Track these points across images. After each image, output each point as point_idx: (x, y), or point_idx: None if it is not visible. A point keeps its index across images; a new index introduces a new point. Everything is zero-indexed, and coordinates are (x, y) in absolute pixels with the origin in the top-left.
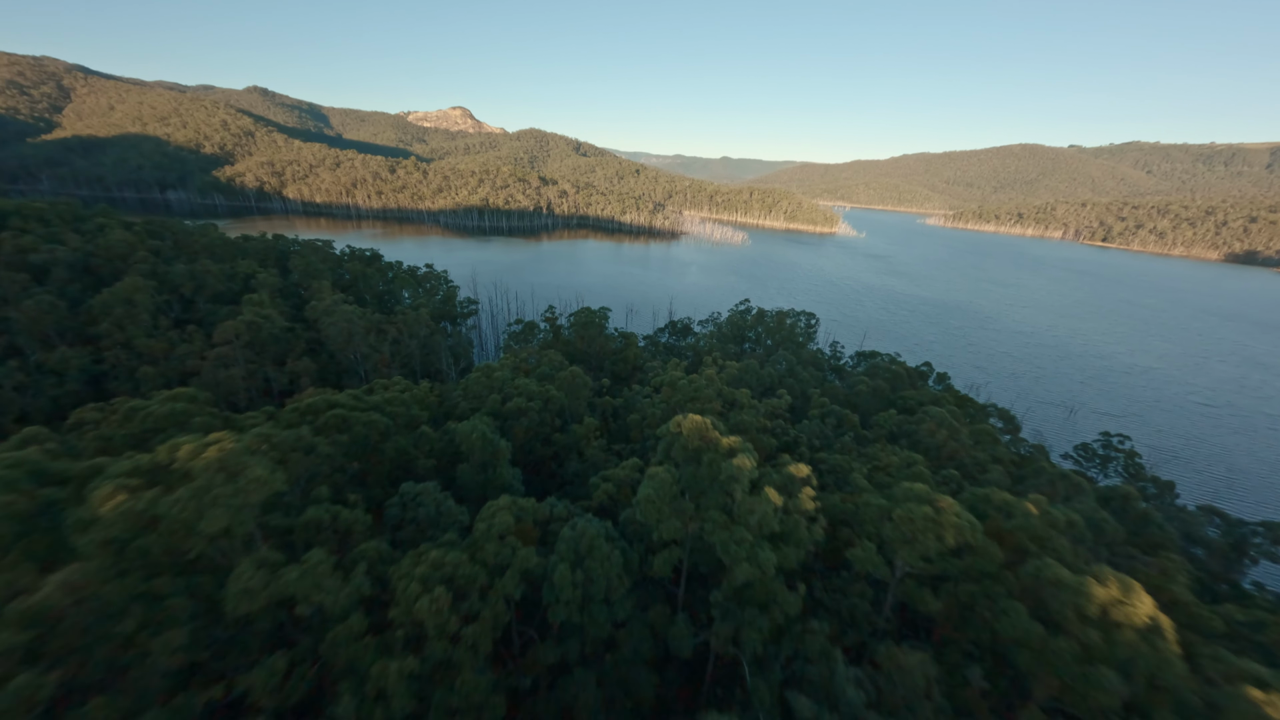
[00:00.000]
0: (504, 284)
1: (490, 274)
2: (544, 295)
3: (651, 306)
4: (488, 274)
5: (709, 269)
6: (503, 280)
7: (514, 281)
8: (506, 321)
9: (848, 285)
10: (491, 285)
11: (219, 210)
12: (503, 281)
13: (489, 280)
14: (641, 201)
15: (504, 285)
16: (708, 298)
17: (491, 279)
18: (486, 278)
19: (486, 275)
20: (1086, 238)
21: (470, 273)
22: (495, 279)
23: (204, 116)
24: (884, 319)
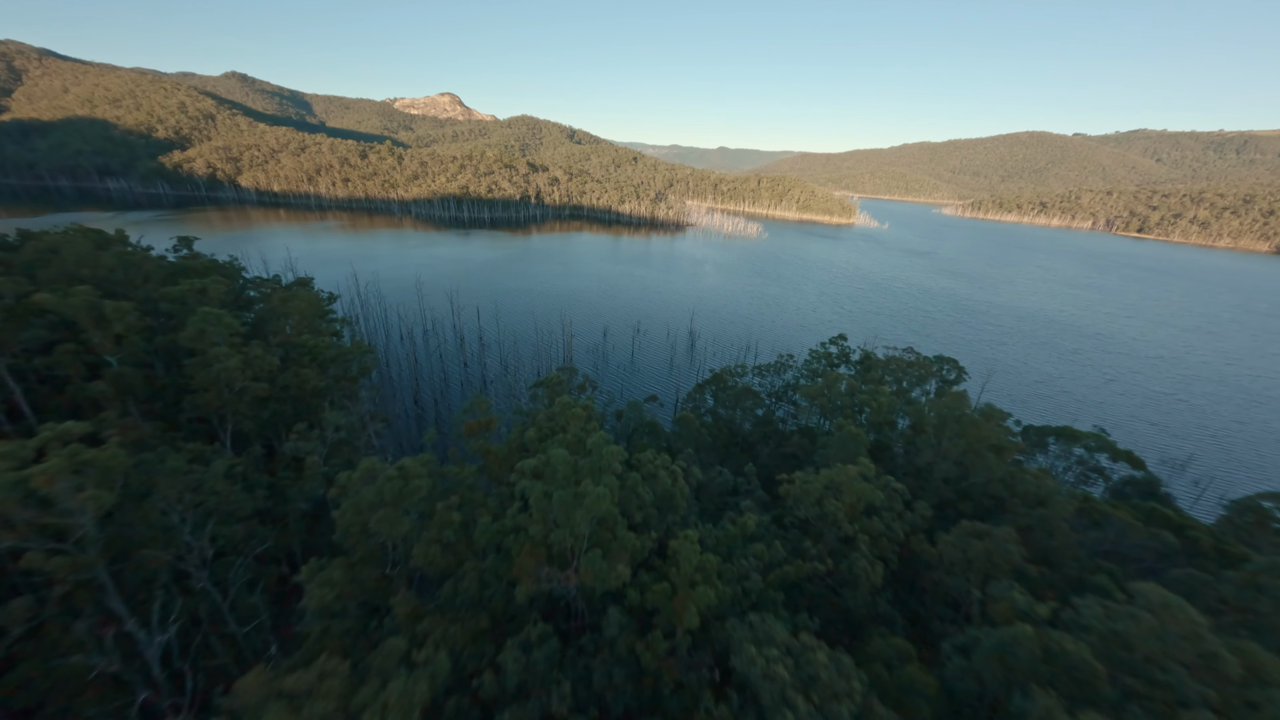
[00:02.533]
0: (467, 293)
1: (454, 278)
2: (516, 312)
3: (665, 323)
4: (449, 278)
5: (727, 268)
6: (467, 288)
7: (482, 289)
8: (461, 361)
9: (901, 289)
10: (445, 295)
11: (164, 200)
12: (466, 290)
13: (445, 287)
14: (641, 190)
15: (466, 296)
16: (735, 308)
17: (452, 285)
18: (443, 284)
19: (447, 279)
20: (1120, 229)
21: (417, 277)
22: (458, 285)
23: (160, 99)
24: (970, 337)
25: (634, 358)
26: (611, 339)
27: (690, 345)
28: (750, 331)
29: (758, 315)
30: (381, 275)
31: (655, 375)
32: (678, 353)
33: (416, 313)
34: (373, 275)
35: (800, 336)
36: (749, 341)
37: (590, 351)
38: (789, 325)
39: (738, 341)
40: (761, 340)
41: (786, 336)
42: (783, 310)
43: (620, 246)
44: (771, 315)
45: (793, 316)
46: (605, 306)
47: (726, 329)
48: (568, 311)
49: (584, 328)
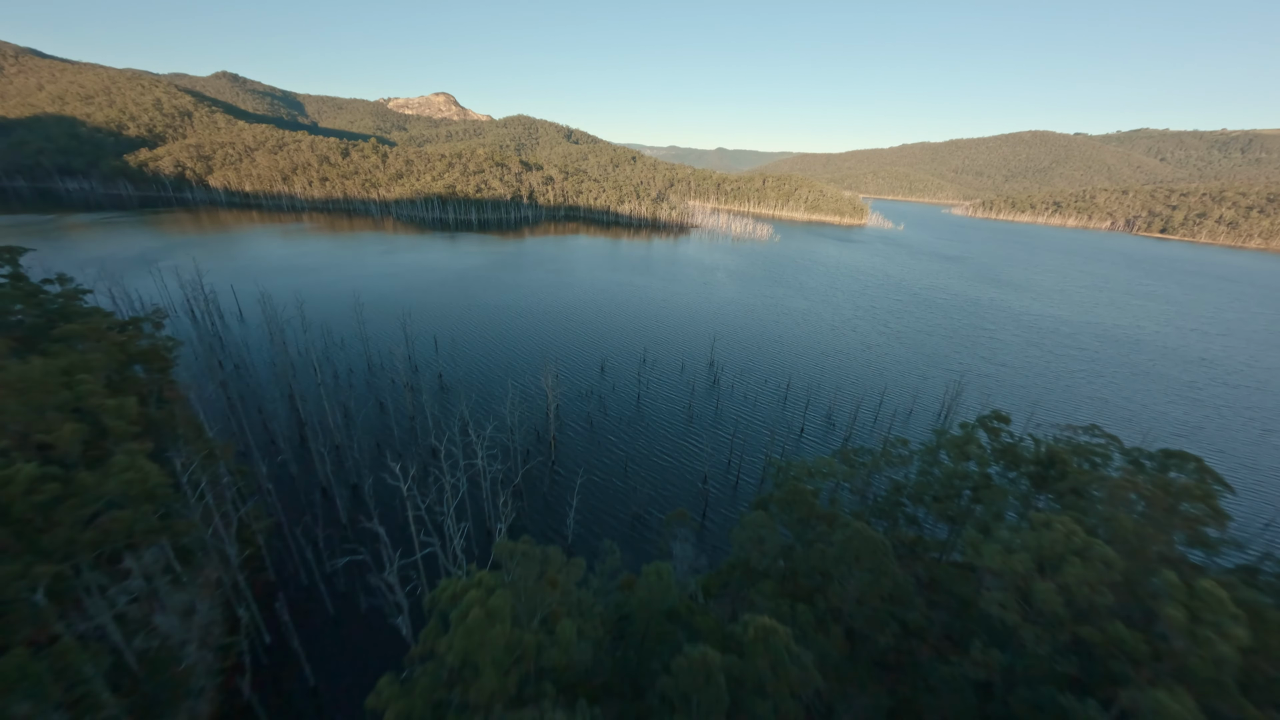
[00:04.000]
0: (430, 314)
1: (420, 292)
2: (489, 340)
3: (679, 349)
4: (415, 291)
5: (742, 276)
6: (432, 306)
7: (451, 307)
8: (407, 415)
9: (945, 301)
10: (400, 317)
11: (127, 201)
12: (430, 309)
13: (406, 304)
14: (642, 190)
15: (429, 317)
16: (760, 327)
17: (416, 302)
18: (405, 300)
19: (411, 294)
20: (1142, 229)
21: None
22: (422, 302)
23: (135, 95)
24: (1057, 366)
25: (640, 403)
26: (611, 374)
27: (712, 381)
28: (784, 360)
29: (788, 337)
30: (334, 289)
31: (670, 433)
32: (697, 394)
33: (355, 346)
34: (318, 289)
35: (849, 368)
36: (785, 374)
37: (582, 397)
38: (830, 351)
39: (771, 376)
40: (801, 373)
41: (832, 368)
42: (817, 330)
43: (620, 251)
44: (805, 337)
45: (831, 338)
46: (603, 328)
47: (754, 357)
48: (556, 337)
49: (576, 360)
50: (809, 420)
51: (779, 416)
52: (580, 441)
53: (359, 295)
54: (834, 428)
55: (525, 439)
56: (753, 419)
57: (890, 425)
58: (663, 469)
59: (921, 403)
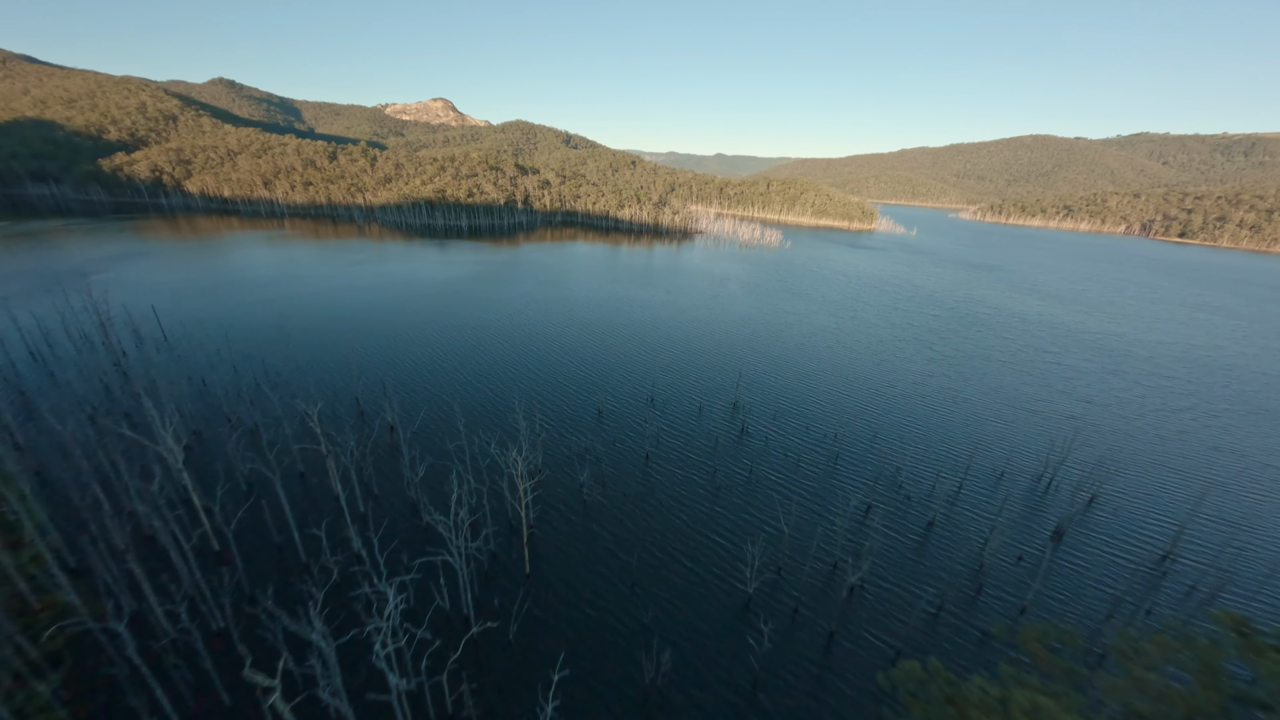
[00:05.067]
0: (391, 341)
1: (386, 310)
2: (457, 380)
3: (694, 384)
4: (381, 310)
5: (756, 287)
6: (395, 331)
7: (419, 331)
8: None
9: (989, 317)
10: (351, 345)
11: (98, 207)
12: (392, 335)
13: (362, 327)
14: (643, 194)
15: (389, 346)
16: (785, 353)
17: (375, 324)
18: (365, 322)
19: (374, 314)
20: (1160, 233)
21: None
22: (382, 325)
23: (119, 99)
24: (1155, 403)
25: (649, 469)
26: (611, 423)
27: (740, 432)
28: (823, 397)
29: (823, 365)
30: (285, 307)
31: (692, 519)
32: (722, 451)
33: (293, 384)
34: (266, 308)
35: (904, 408)
36: (828, 419)
37: (572, 462)
38: (877, 385)
39: (812, 422)
40: (847, 415)
41: (885, 409)
42: (854, 355)
43: (620, 259)
44: (843, 365)
45: (873, 366)
46: (601, 358)
47: (786, 395)
48: (543, 371)
49: (566, 404)
50: (876, 494)
51: (832, 487)
52: (566, 542)
53: (291, 321)
54: (909, 505)
55: (488, 541)
56: (799, 490)
57: (994, 505)
58: (687, 589)
59: (1015, 462)
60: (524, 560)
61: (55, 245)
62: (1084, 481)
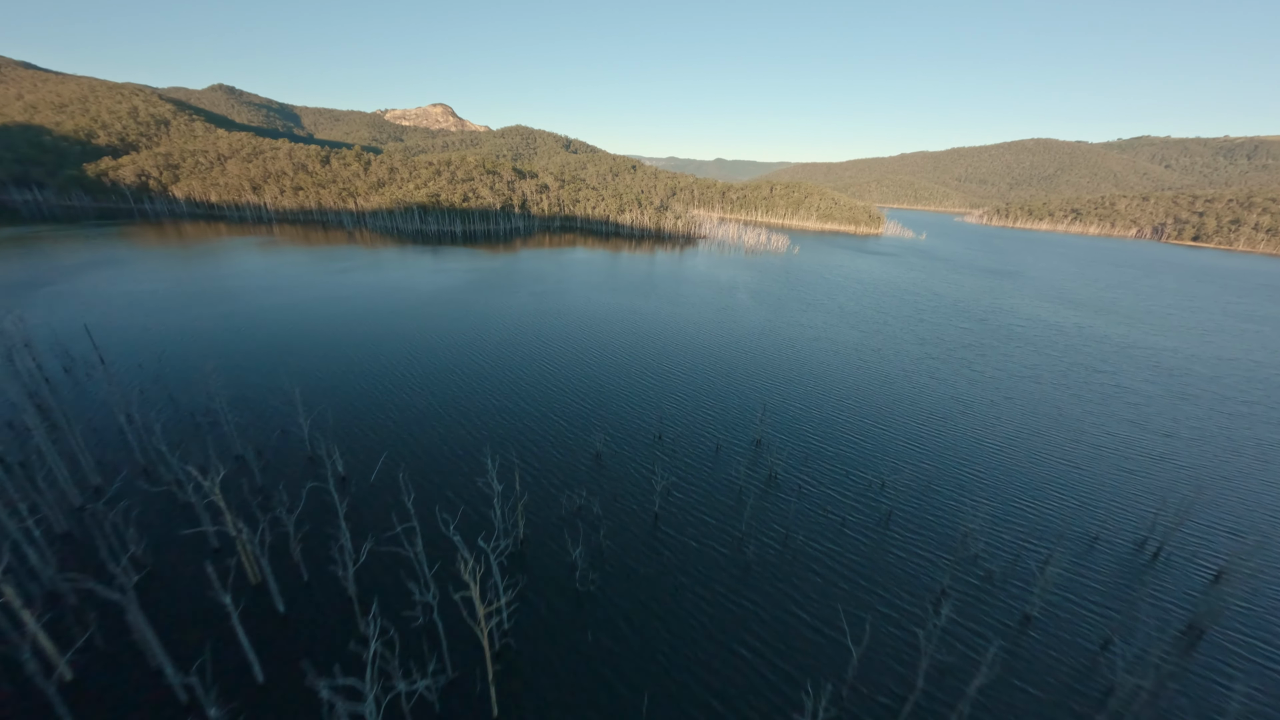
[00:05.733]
0: (364, 363)
1: (369, 322)
2: (438, 407)
3: (708, 413)
4: (360, 321)
5: (767, 297)
6: (371, 348)
7: (397, 350)
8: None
9: (1025, 330)
10: (306, 374)
11: (81, 213)
12: (364, 356)
13: (323, 352)
14: (644, 198)
15: (360, 367)
16: (806, 375)
17: (346, 344)
18: (330, 343)
19: (344, 332)
20: (1173, 237)
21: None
22: (356, 344)
23: (110, 104)
24: (1224, 430)
25: (657, 536)
26: (612, 471)
27: (768, 480)
28: (857, 430)
29: (851, 389)
30: (251, 321)
31: (719, 615)
32: (746, 512)
33: (220, 427)
34: (229, 322)
35: (955, 446)
36: (868, 461)
37: (562, 529)
38: (917, 416)
39: (851, 466)
40: (888, 454)
41: (931, 448)
42: (884, 376)
43: (620, 266)
44: (872, 389)
45: (908, 391)
46: (600, 381)
47: (814, 429)
48: (530, 403)
49: (556, 446)
50: (948, 571)
51: (889, 563)
52: (551, 666)
53: (251, 340)
54: (992, 589)
55: (445, 669)
56: (849, 568)
57: (1098, 585)
58: None
59: (1105, 519)
60: (490, 699)
61: (20, 253)
62: (1201, 549)
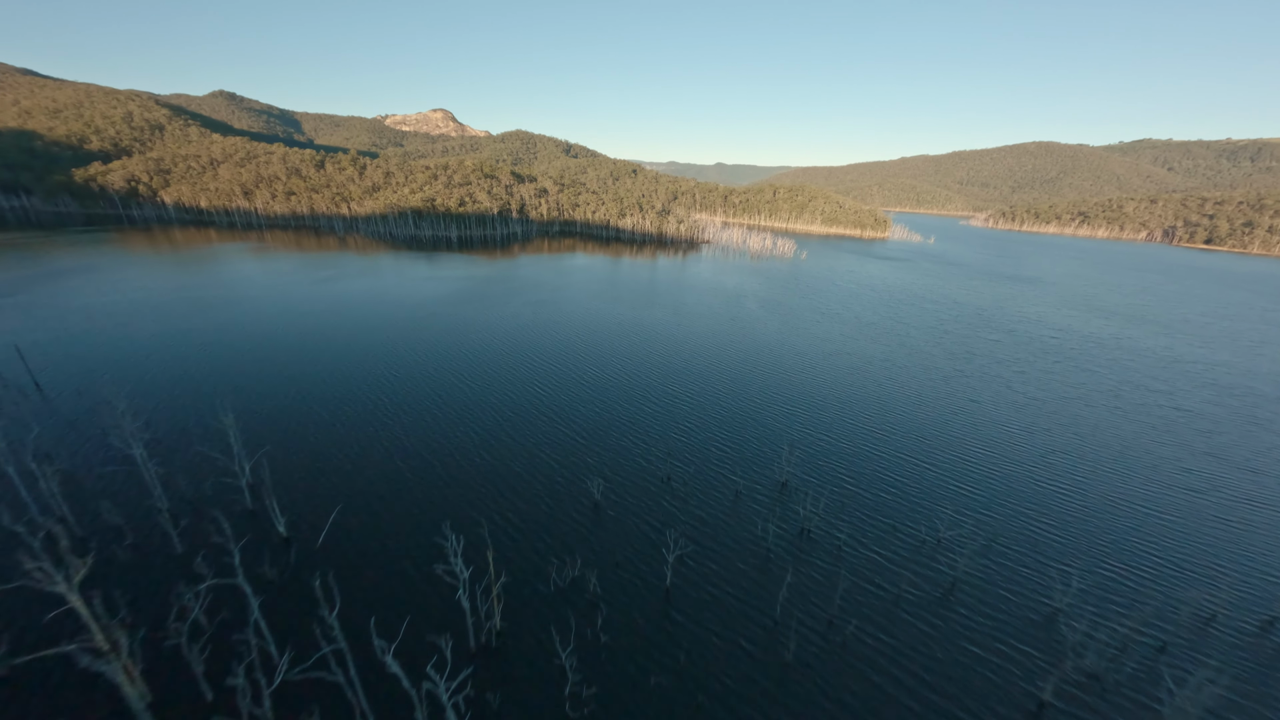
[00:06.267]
0: (331, 392)
1: (344, 338)
2: (409, 450)
3: (724, 447)
4: (335, 337)
5: (778, 306)
6: (342, 370)
7: (368, 374)
8: None
9: (1059, 344)
10: (261, 396)
11: (69, 219)
12: (332, 380)
13: (285, 376)
14: (645, 203)
15: (324, 398)
16: (841, 402)
17: (321, 361)
18: (306, 357)
19: (327, 342)
20: (1184, 240)
21: (286, 337)
22: (330, 363)
23: (104, 109)
24: None
25: (672, 624)
26: (611, 522)
27: (798, 540)
28: (897, 470)
29: (882, 412)
30: (210, 337)
31: None
32: (779, 585)
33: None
34: (185, 340)
35: (1015, 481)
36: (927, 516)
37: (548, 614)
38: (958, 443)
39: (899, 520)
40: (939, 502)
41: (985, 486)
42: (916, 398)
43: (621, 272)
44: (906, 414)
45: (946, 416)
46: (598, 408)
47: (846, 466)
48: (517, 440)
49: (546, 493)
50: (1045, 672)
51: (957, 660)
52: None
53: (210, 360)
54: (1105, 699)
55: None
56: (917, 674)
57: (1233, 687)
58: None
59: (1220, 588)
60: None
61: None
62: None
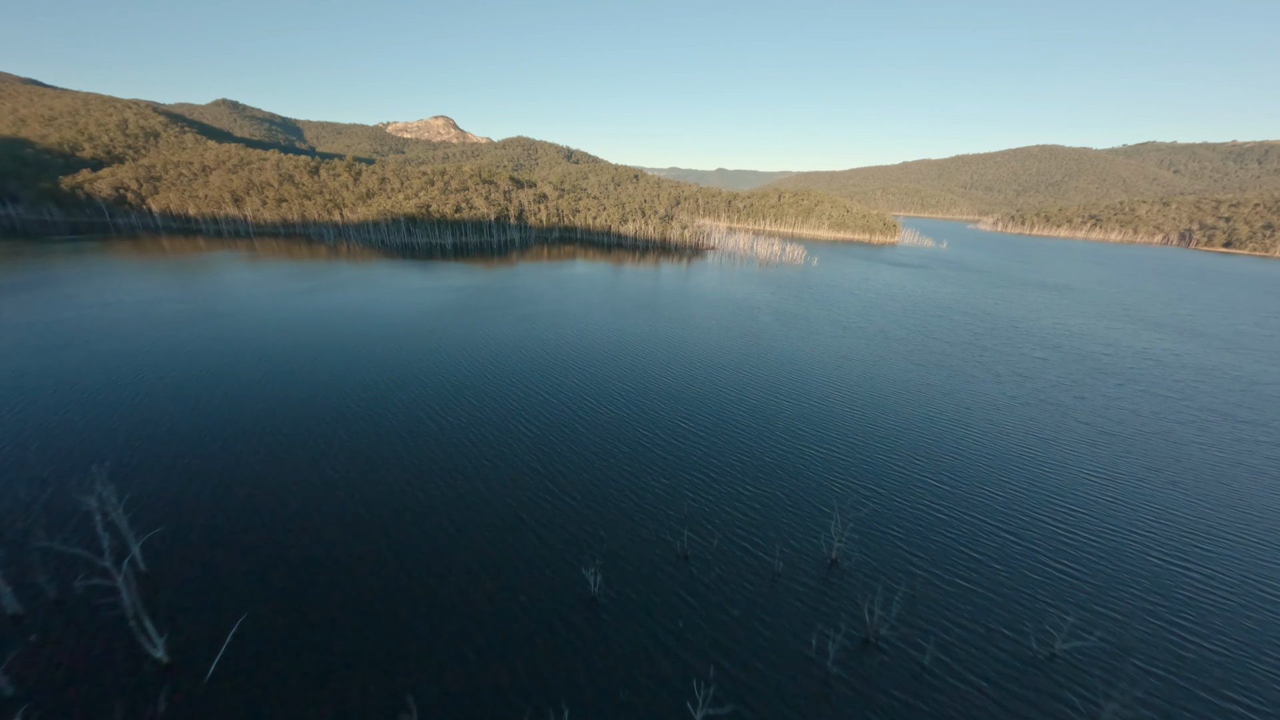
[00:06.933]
0: (273, 433)
1: (309, 360)
2: (361, 515)
3: (752, 508)
4: (298, 359)
5: (795, 320)
6: (293, 405)
7: (328, 406)
8: None
9: (1114, 362)
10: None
11: (53, 227)
12: (277, 418)
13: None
14: (647, 208)
15: (264, 440)
16: (882, 443)
17: (269, 390)
18: (249, 391)
19: (285, 364)
20: (1202, 243)
21: (238, 365)
22: (281, 394)
23: (99, 117)
24: None
25: None
26: (613, 621)
27: (859, 653)
28: (971, 541)
29: (932, 454)
30: (154, 360)
31: None
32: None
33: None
34: (128, 364)
35: (1128, 557)
36: (1031, 614)
37: None
38: (1042, 501)
39: (991, 619)
40: (1048, 600)
41: (1087, 566)
42: (973, 437)
43: (623, 281)
44: (966, 455)
45: (1013, 458)
46: (591, 455)
47: (902, 538)
48: (488, 509)
49: (531, 581)
50: None
51: None
52: None
53: (153, 392)
54: None
55: None
56: None
57: None
58: None
59: None
60: None
61: None
62: None
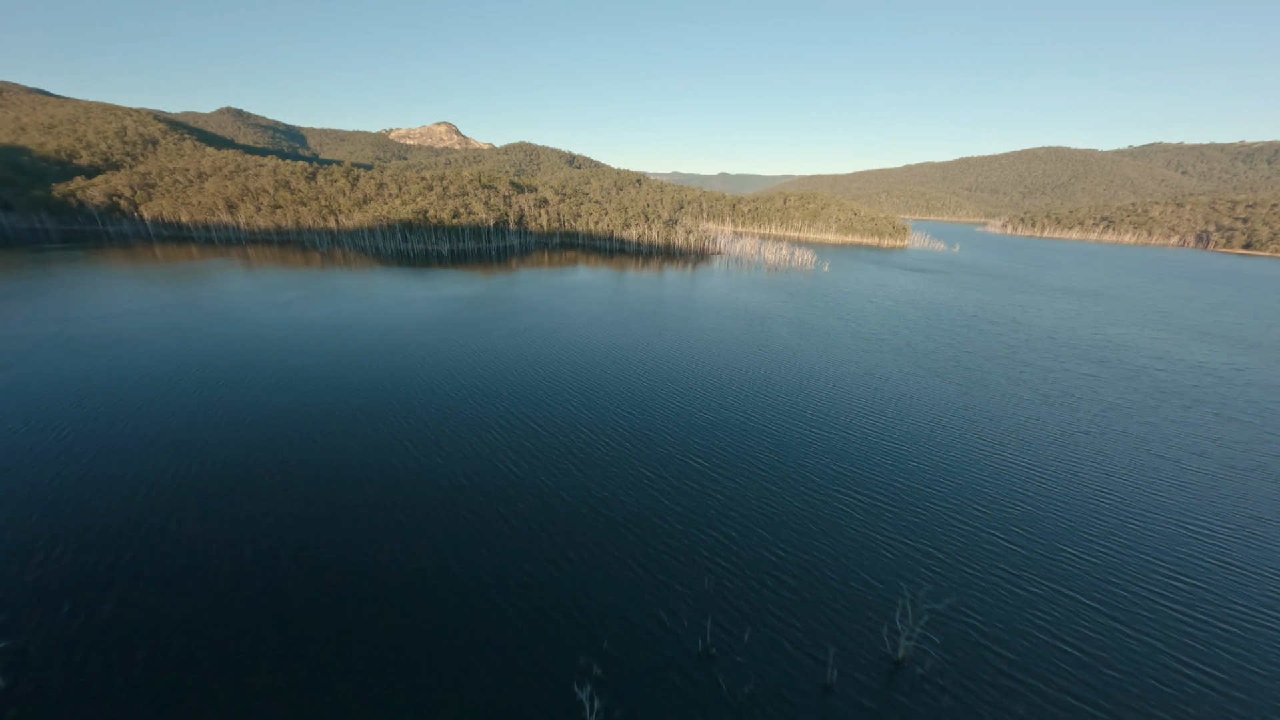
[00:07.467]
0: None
1: (275, 380)
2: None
3: (790, 581)
4: (267, 385)
5: (812, 331)
6: (251, 431)
7: (283, 441)
8: None
9: (1174, 379)
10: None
11: (44, 236)
12: (224, 460)
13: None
14: (651, 212)
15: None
16: (931, 488)
17: (219, 427)
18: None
19: (254, 392)
20: (1220, 245)
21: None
22: (234, 430)
23: (98, 124)
24: None
25: None
26: None
27: None
28: (1063, 629)
29: (988, 498)
30: (110, 383)
31: None
32: None
33: None
34: (80, 386)
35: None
36: None
37: None
38: (1141, 565)
39: None
40: (1170, 704)
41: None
42: (1038, 477)
43: (626, 289)
44: (1027, 500)
45: (1091, 508)
46: (589, 513)
47: (983, 629)
48: (467, 592)
49: (516, 696)
50: None
51: None
52: None
53: (100, 420)
54: None
55: None
56: None
57: None
58: None
59: None
60: None
61: None
62: None
